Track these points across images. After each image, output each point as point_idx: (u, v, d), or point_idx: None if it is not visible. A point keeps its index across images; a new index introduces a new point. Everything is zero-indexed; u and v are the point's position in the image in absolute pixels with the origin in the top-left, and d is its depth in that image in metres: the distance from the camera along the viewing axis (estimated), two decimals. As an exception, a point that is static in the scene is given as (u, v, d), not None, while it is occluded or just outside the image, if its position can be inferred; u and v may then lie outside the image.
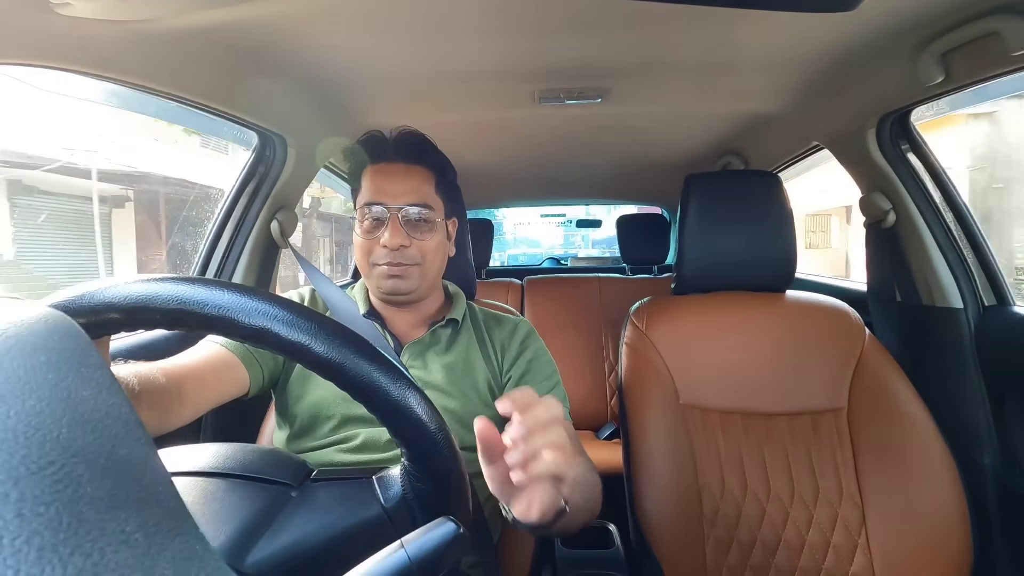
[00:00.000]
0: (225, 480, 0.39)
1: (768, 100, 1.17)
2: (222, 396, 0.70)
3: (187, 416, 0.64)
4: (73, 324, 0.24)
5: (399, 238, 0.74)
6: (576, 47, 0.91)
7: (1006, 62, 0.76)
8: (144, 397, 0.56)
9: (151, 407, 0.57)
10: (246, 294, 0.35)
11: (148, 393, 0.56)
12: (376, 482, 0.41)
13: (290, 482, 0.40)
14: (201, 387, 0.66)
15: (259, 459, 0.42)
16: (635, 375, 0.94)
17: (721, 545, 0.85)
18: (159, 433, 0.60)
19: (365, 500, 0.40)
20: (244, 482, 0.39)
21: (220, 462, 0.40)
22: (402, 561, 0.31)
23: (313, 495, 0.40)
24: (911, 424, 0.85)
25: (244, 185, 1.20)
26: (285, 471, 0.41)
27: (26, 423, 0.18)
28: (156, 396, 0.58)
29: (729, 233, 0.97)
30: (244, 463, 0.41)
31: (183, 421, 0.63)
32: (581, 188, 2.35)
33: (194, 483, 0.38)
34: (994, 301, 1.05)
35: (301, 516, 0.38)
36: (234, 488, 0.38)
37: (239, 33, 0.81)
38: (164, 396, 0.60)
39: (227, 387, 0.71)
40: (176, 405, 0.62)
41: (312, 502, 0.39)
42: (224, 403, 0.71)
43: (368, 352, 0.36)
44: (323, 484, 0.41)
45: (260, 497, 0.38)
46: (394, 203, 0.76)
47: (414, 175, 0.78)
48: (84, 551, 0.17)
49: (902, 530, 0.82)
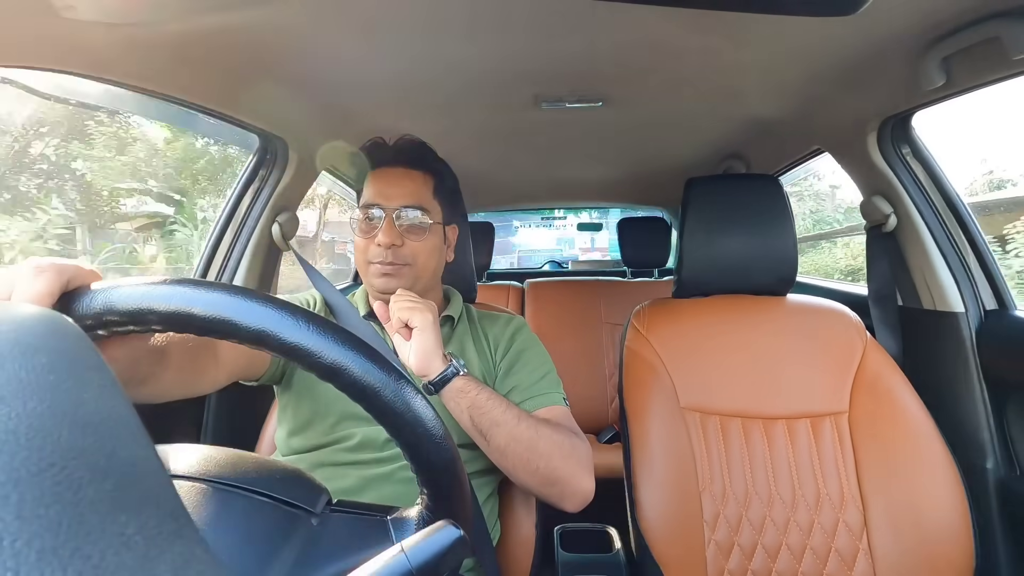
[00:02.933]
0: (247, 494, 0.37)
1: (769, 104, 1.17)
2: (249, 368, 0.72)
3: (222, 379, 0.66)
4: (74, 326, 0.24)
5: (391, 237, 0.76)
6: (577, 51, 0.91)
7: (1007, 67, 0.76)
8: (173, 356, 0.56)
9: (181, 368, 0.57)
10: (245, 296, 0.35)
11: (179, 353, 0.56)
12: (391, 524, 0.40)
13: (311, 508, 0.39)
14: (235, 350, 0.67)
15: (283, 478, 0.40)
16: (635, 378, 0.94)
17: (722, 549, 0.85)
18: (194, 393, 0.61)
19: (379, 539, 0.38)
20: (267, 499, 0.38)
21: (244, 473, 0.39)
22: (403, 565, 0.31)
23: (333, 527, 0.38)
24: (913, 428, 0.85)
25: (246, 187, 1.20)
26: (307, 495, 0.40)
27: (27, 425, 0.18)
28: (188, 356, 0.58)
29: (730, 236, 0.97)
30: (269, 480, 0.39)
31: (218, 383, 0.66)
32: (582, 192, 2.35)
33: (215, 491, 0.37)
34: (995, 305, 1.05)
35: (323, 547, 0.37)
36: (256, 505, 0.37)
37: (241, 36, 0.81)
38: (197, 356, 0.61)
39: (255, 358, 0.72)
40: (212, 365, 0.64)
41: (332, 533, 0.38)
42: (248, 378, 0.73)
43: (367, 353, 0.36)
44: (342, 517, 0.40)
45: (282, 519, 0.37)
46: (389, 204, 0.78)
47: (411, 178, 0.81)
48: (84, 554, 0.17)
49: (904, 534, 0.81)
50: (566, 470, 0.69)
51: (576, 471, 0.70)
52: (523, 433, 0.67)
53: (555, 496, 0.71)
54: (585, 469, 0.71)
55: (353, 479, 0.72)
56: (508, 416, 0.67)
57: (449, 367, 0.67)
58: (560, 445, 0.69)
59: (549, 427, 0.70)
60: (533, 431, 0.68)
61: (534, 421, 0.70)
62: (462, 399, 0.66)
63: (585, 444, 0.73)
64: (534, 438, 0.68)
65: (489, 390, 0.69)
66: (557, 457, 0.68)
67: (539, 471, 0.68)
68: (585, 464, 0.71)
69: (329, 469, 0.73)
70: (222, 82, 0.92)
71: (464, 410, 0.67)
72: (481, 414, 0.66)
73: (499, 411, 0.67)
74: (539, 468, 0.68)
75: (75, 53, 0.70)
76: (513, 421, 0.67)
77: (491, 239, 2.22)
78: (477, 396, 0.67)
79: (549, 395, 0.78)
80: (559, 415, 0.76)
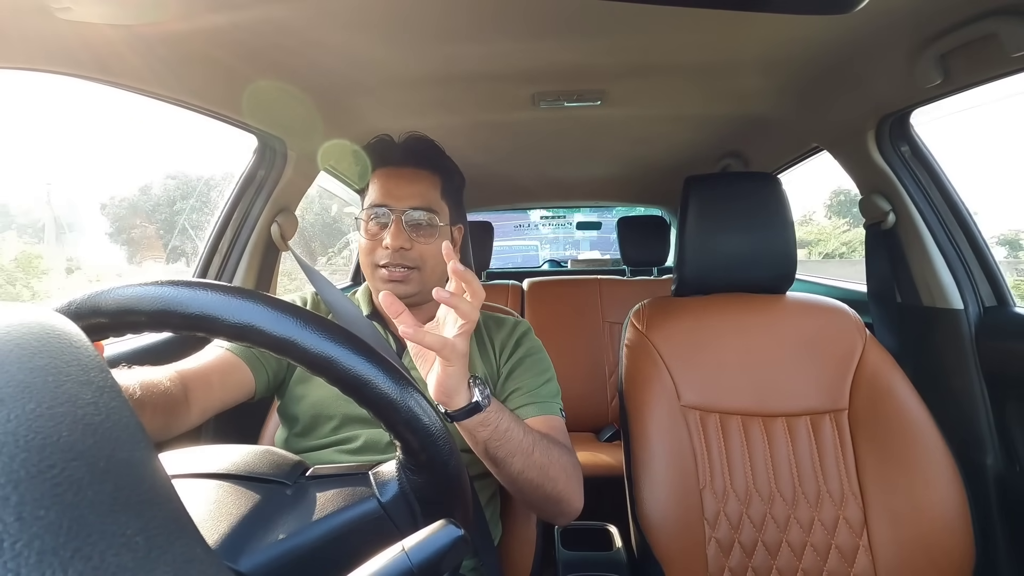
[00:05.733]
0: (220, 481, 0.39)
1: (767, 102, 1.17)
2: (228, 399, 0.71)
3: (195, 419, 0.65)
4: (74, 327, 0.24)
5: (401, 240, 0.75)
6: (575, 49, 0.91)
7: (1005, 64, 0.76)
8: (147, 402, 0.56)
9: (155, 412, 0.57)
10: (228, 293, 0.35)
11: (152, 398, 0.57)
12: (372, 477, 0.41)
13: (285, 480, 0.40)
14: (207, 390, 0.67)
15: (254, 459, 0.41)
16: (635, 377, 0.94)
17: (722, 547, 0.85)
18: (167, 436, 0.61)
19: (361, 496, 0.39)
20: (239, 482, 0.39)
21: (215, 463, 0.40)
22: (403, 564, 0.31)
23: (309, 493, 0.39)
24: (912, 425, 0.85)
25: (245, 187, 1.20)
26: (280, 469, 0.41)
27: (26, 426, 0.18)
28: (161, 400, 0.58)
29: (729, 235, 0.97)
30: (239, 463, 0.40)
31: (191, 424, 0.64)
32: (581, 190, 2.35)
33: (189, 485, 0.38)
34: (994, 302, 1.05)
35: (297, 514, 0.37)
36: (230, 489, 0.38)
37: (239, 37, 0.81)
38: (170, 400, 0.60)
39: (233, 390, 0.72)
40: (183, 409, 0.63)
41: (308, 499, 0.39)
42: (229, 407, 0.72)
43: (356, 345, 0.36)
44: (318, 481, 0.41)
45: (256, 496, 0.38)
46: (398, 205, 0.76)
47: (420, 179, 0.79)
48: (84, 554, 0.17)
49: (904, 531, 0.82)
50: (567, 492, 0.68)
51: (576, 492, 0.69)
52: (537, 460, 0.64)
53: (551, 513, 0.70)
54: (580, 488, 0.70)
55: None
56: (525, 444, 0.63)
57: (474, 399, 0.59)
58: (565, 468, 0.68)
59: (556, 449, 0.68)
60: (546, 456, 0.65)
61: (545, 444, 0.67)
62: (481, 431, 0.60)
63: (578, 462, 0.73)
64: (546, 464, 0.65)
65: (510, 416, 0.63)
66: (562, 480, 0.67)
67: (544, 491, 0.66)
68: (580, 483, 0.71)
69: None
70: (220, 83, 0.92)
71: (481, 441, 0.61)
72: (499, 445, 0.61)
73: (517, 440, 0.62)
74: (546, 490, 0.66)
75: (71, 55, 0.70)
76: (529, 448, 0.64)
77: (490, 238, 2.22)
78: (497, 427, 0.61)
79: (549, 404, 0.77)
80: (556, 427, 0.75)
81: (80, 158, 4.54)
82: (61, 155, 4.17)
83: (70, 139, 5.07)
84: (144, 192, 9.41)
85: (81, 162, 4.58)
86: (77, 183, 8.84)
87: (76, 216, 9.62)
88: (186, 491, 0.37)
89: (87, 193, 8.41)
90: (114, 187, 6.14)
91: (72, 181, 7.47)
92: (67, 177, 6.73)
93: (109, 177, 6.57)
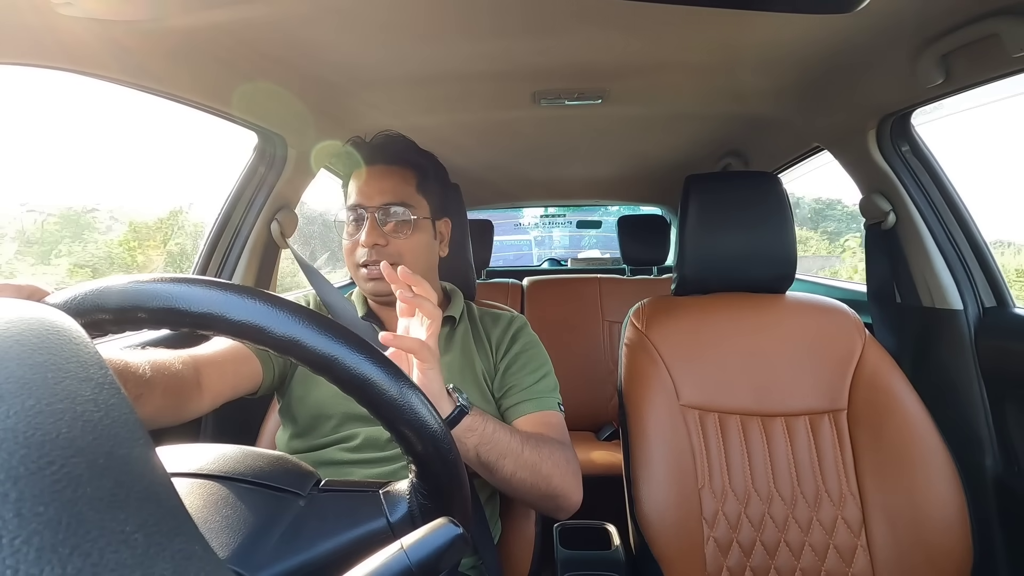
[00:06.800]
0: (233, 484, 0.38)
1: (768, 101, 1.17)
2: (238, 388, 0.72)
3: (206, 404, 0.66)
4: (73, 323, 0.24)
5: (374, 236, 0.76)
6: (575, 48, 0.91)
7: (1006, 64, 0.76)
8: (158, 383, 0.56)
9: (166, 393, 0.57)
10: (234, 291, 0.35)
11: (163, 379, 0.57)
12: (383, 496, 0.41)
13: (299, 491, 0.40)
14: (220, 376, 0.68)
15: (268, 465, 0.41)
16: (635, 376, 0.94)
17: (721, 546, 0.85)
18: (178, 420, 0.61)
19: (372, 514, 0.39)
20: (254, 488, 0.38)
21: (229, 465, 0.40)
22: (402, 563, 0.31)
23: (321, 506, 0.39)
24: (911, 425, 0.85)
25: (244, 185, 1.19)
26: (294, 479, 0.40)
27: (25, 423, 0.18)
28: (173, 382, 0.59)
29: (729, 234, 0.97)
30: (254, 468, 0.40)
31: (203, 409, 0.65)
32: (581, 189, 2.35)
33: (201, 485, 0.38)
34: (994, 303, 1.05)
35: (310, 526, 0.37)
36: (243, 494, 0.38)
37: (239, 33, 0.81)
38: (182, 383, 0.60)
39: (243, 380, 0.73)
40: (195, 393, 0.63)
41: (320, 513, 0.38)
42: (237, 397, 0.72)
43: (359, 345, 0.36)
44: (331, 495, 0.41)
45: (268, 504, 0.38)
46: (371, 203, 0.78)
47: (391, 175, 0.80)
48: (83, 551, 0.17)
49: (902, 530, 0.82)
50: (564, 487, 0.69)
51: (573, 486, 0.70)
52: (528, 459, 0.66)
53: (550, 508, 0.71)
54: (578, 482, 0.71)
55: (355, 478, 0.72)
56: (513, 444, 0.65)
57: (456, 407, 0.61)
58: (559, 464, 0.69)
59: (548, 446, 0.70)
60: (536, 454, 0.67)
61: (535, 442, 0.68)
62: (470, 437, 0.62)
63: (576, 455, 0.74)
64: (538, 462, 0.67)
65: (493, 420, 0.65)
66: (557, 476, 0.68)
67: (540, 489, 0.67)
68: (578, 477, 0.72)
69: (331, 468, 0.73)
70: (220, 79, 0.92)
71: (471, 448, 0.62)
72: (488, 449, 0.63)
73: (504, 442, 0.64)
74: (541, 488, 0.67)
75: (71, 50, 0.70)
76: (518, 449, 0.65)
77: (490, 236, 2.22)
78: (484, 431, 0.63)
79: (546, 399, 0.78)
80: (553, 422, 0.76)
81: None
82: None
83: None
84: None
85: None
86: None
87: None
88: (196, 491, 0.37)
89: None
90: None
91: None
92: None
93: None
